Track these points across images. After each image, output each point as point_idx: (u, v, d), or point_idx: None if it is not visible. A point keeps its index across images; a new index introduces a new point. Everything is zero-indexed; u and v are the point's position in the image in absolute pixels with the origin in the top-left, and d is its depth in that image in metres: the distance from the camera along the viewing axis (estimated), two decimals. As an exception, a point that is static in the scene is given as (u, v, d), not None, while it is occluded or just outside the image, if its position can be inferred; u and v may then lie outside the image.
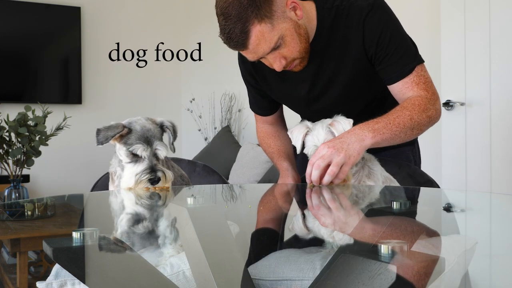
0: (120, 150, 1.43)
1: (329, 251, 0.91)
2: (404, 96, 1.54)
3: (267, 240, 1.06)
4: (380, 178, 1.54)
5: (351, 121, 1.48)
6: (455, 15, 2.89)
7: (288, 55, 1.46)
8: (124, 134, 1.41)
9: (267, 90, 1.74)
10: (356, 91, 1.64)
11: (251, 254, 0.95)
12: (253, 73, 1.71)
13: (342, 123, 1.48)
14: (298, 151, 1.54)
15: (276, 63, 1.46)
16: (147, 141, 1.40)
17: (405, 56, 1.55)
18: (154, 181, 1.39)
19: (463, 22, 2.86)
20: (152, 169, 1.39)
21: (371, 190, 1.48)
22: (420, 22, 3.20)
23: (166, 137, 1.51)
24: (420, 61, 1.59)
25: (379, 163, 1.58)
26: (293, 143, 1.55)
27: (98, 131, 1.42)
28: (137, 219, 1.17)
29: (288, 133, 1.60)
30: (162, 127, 1.47)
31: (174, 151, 1.52)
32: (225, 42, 1.42)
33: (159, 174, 1.39)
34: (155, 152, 1.41)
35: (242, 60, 1.73)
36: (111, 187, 1.54)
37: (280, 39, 1.41)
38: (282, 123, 1.90)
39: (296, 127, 1.56)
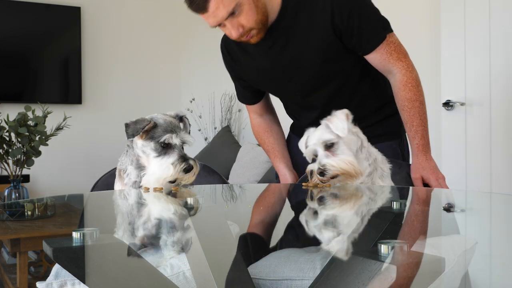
0: (145, 147, 1.42)
1: (329, 251, 0.91)
2: (385, 68, 1.68)
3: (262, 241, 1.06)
4: (391, 181, 1.54)
5: (345, 110, 1.48)
6: (455, 15, 2.89)
7: (245, 24, 1.59)
8: (149, 128, 1.42)
9: (244, 76, 1.89)
10: (325, 70, 1.70)
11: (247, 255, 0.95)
12: (231, 61, 1.89)
13: (337, 116, 1.47)
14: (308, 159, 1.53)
15: (234, 30, 1.60)
16: (173, 132, 1.41)
17: (376, 25, 1.66)
18: (188, 170, 1.39)
19: (463, 22, 2.86)
20: (184, 158, 1.39)
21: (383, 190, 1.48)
22: (420, 22, 3.20)
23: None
24: (391, 29, 1.71)
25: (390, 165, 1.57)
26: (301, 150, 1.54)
27: (127, 126, 1.42)
28: (138, 220, 1.17)
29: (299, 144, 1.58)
30: (180, 119, 1.49)
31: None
32: (188, 5, 1.60)
33: (191, 162, 1.39)
34: (184, 141, 1.42)
35: (223, 52, 1.91)
36: (117, 185, 1.52)
37: (238, 7, 1.55)
38: (271, 113, 2.06)
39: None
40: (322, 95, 1.74)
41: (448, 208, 1.32)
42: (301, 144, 1.53)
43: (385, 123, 1.81)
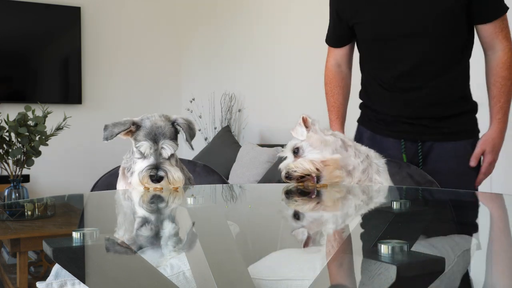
0: (133, 146, 1.41)
1: (330, 251, 0.91)
2: (490, 42, 1.81)
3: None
4: (388, 176, 1.54)
5: (301, 115, 1.50)
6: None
7: None
8: (133, 130, 1.39)
9: (359, 13, 1.86)
10: (439, 29, 1.75)
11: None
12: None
13: (297, 123, 1.50)
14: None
15: None
16: (155, 138, 1.37)
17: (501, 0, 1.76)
18: (154, 179, 1.35)
19: (463, 22, 2.85)
20: (155, 167, 1.35)
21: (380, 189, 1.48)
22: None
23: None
24: (507, 8, 1.79)
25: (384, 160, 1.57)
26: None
27: (106, 127, 1.40)
28: (138, 220, 1.17)
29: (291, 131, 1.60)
30: (173, 124, 1.44)
31: (192, 148, 1.50)
32: None
33: (161, 173, 1.34)
34: (160, 151, 1.38)
35: None
36: (121, 184, 1.50)
37: None
38: (349, 68, 2.11)
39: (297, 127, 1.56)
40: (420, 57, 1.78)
41: (447, 208, 1.32)
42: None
43: (462, 118, 1.86)
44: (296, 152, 1.48)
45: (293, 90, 4.31)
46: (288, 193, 1.56)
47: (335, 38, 2.04)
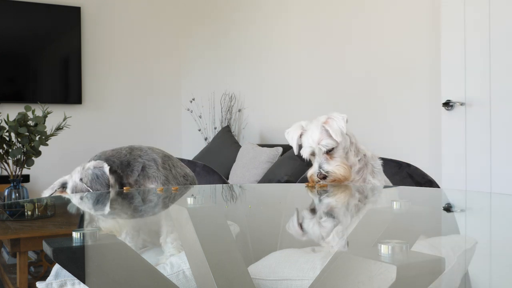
0: None
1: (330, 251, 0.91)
2: None
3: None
4: (383, 177, 1.54)
5: (344, 116, 1.48)
6: (455, 14, 2.89)
7: None
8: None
9: None
10: None
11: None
12: None
13: (336, 120, 1.47)
14: (295, 153, 1.53)
15: None
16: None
17: None
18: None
19: (463, 21, 2.86)
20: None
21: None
22: (421, 22, 3.20)
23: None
24: None
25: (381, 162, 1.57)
26: (290, 144, 1.55)
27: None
28: (137, 219, 1.17)
29: (285, 134, 1.59)
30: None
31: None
32: None
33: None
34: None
35: None
36: None
37: None
38: None
39: (292, 127, 1.55)
40: None
41: (448, 208, 1.32)
42: (294, 140, 1.52)
43: None
44: (328, 151, 1.46)
45: (293, 90, 4.31)
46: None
47: None
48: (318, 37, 4.04)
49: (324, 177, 1.42)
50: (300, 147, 1.52)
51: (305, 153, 1.50)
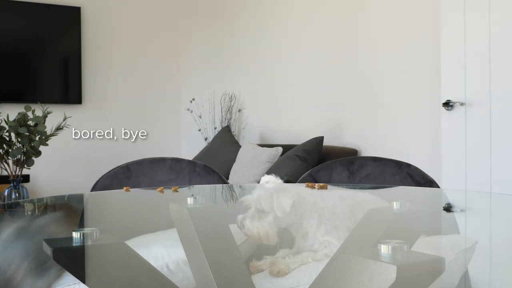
0: None
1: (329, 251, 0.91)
2: None
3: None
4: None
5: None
6: (455, 14, 2.89)
7: None
8: None
9: None
10: None
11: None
12: None
13: None
14: None
15: None
16: None
17: None
18: None
19: (463, 22, 2.86)
20: None
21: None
22: (421, 22, 3.20)
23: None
24: None
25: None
26: None
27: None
28: (137, 218, 1.17)
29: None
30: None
31: None
32: None
33: None
34: None
35: None
36: None
37: None
38: None
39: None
40: None
41: (448, 208, 1.32)
42: None
43: None
44: None
45: (293, 90, 4.31)
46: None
47: None
48: (318, 37, 4.04)
49: None
50: None
51: None
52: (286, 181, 3.23)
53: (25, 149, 3.02)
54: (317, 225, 1.02)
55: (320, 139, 3.59)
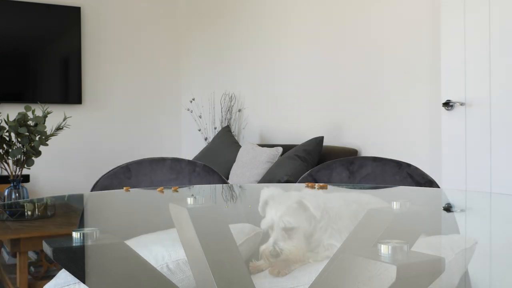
0: None
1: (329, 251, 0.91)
2: None
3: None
4: None
5: None
6: (455, 15, 2.89)
7: None
8: None
9: None
10: None
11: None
12: None
13: None
14: None
15: None
16: None
17: None
18: None
19: (463, 22, 2.86)
20: None
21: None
22: (421, 22, 3.20)
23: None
24: None
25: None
26: None
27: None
28: (136, 218, 1.17)
29: None
30: None
31: None
32: None
33: None
34: None
35: None
36: None
37: None
38: None
39: None
40: None
41: (448, 208, 1.32)
42: None
43: None
44: None
45: (293, 90, 4.31)
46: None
47: None
48: (318, 37, 4.04)
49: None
50: None
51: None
52: (286, 181, 3.23)
53: (25, 149, 3.02)
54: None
55: (320, 139, 3.59)
